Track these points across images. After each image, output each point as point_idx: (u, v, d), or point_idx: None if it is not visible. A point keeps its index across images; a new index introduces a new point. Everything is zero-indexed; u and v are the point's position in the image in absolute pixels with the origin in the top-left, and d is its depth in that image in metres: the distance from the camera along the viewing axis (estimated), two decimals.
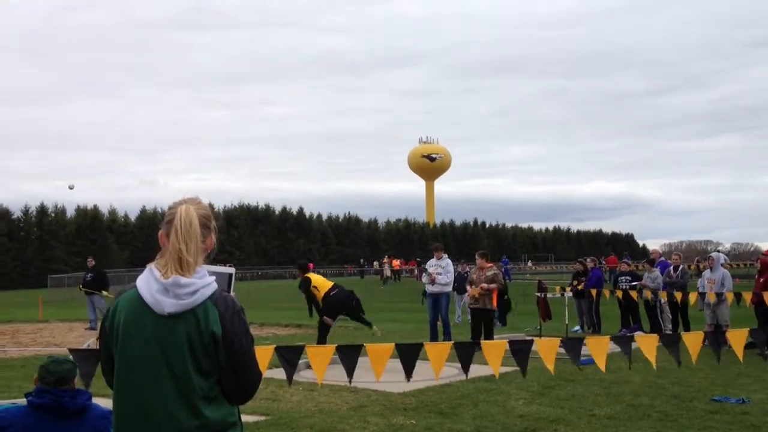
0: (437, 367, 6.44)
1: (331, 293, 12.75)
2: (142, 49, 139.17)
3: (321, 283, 13.05)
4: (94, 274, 20.07)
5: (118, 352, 2.54)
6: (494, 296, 13.13)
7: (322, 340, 12.37)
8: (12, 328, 20.26)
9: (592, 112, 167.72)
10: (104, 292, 19.57)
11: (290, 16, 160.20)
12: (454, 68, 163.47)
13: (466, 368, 6.58)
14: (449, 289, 15.04)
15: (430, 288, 14.79)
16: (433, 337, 14.04)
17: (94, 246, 63.78)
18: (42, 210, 64.95)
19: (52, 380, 3.59)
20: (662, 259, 17.96)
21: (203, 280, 2.55)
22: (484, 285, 12.93)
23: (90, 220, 66.17)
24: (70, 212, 66.79)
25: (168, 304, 2.49)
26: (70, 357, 4.16)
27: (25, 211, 64.73)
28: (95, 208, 67.98)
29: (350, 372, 6.44)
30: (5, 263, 59.81)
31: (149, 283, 2.54)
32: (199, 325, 2.51)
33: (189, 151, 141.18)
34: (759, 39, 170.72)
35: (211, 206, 2.80)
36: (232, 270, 2.84)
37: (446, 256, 15.15)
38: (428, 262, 15.36)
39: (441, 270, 14.68)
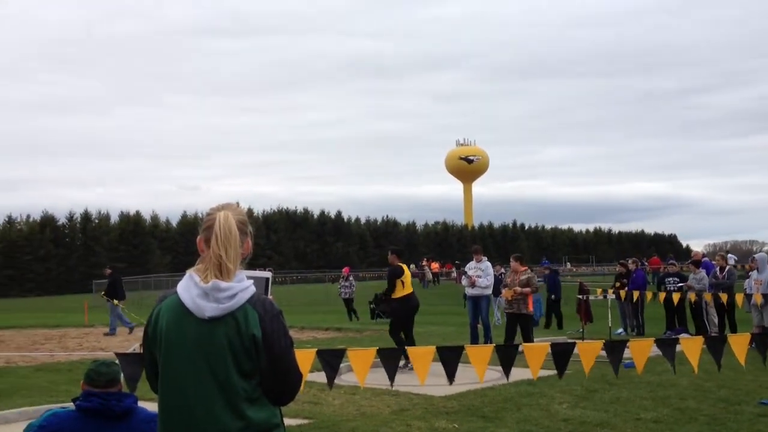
0: (480, 371, 6.39)
1: (412, 296, 12.38)
2: (180, 57, 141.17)
3: (408, 281, 12.50)
4: (109, 283, 20.45)
5: (162, 356, 2.58)
6: (530, 300, 12.88)
7: (397, 338, 12.02)
8: (59, 333, 20.66)
9: (632, 112, 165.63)
10: (115, 301, 19.88)
11: (325, 21, 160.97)
12: (491, 70, 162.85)
13: (507, 371, 6.52)
14: (489, 291, 14.93)
15: (469, 291, 14.69)
16: (474, 340, 13.97)
17: (137, 251, 64.86)
18: (86, 216, 66.17)
19: (102, 382, 3.63)
20: (705, 259, 17.66)
21: (242, 284, 2.58)
22: (518, 288, 12.68)
23: (133, 225, 67.25)
24: (114, 218, 67.96)
25: (209, 309, 2.53)
26: (116, 361, 4.20)
27: (70, 218, 66.07)
28: (137, 214, 69.14)
29: (392, 376, 6.42)
30: (51, 269, 61.07)
31: (189, 288, 2.57)
32: (240, 329, 2.54)
33: (228, 156, 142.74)
34: None
35: (249, 211, 2.81)
36: (269, 274, 2.86)
37: (485, 258, 15.06)
38: (468, 265, 15.25)
39: (481, 273, 14.56)
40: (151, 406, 4.16)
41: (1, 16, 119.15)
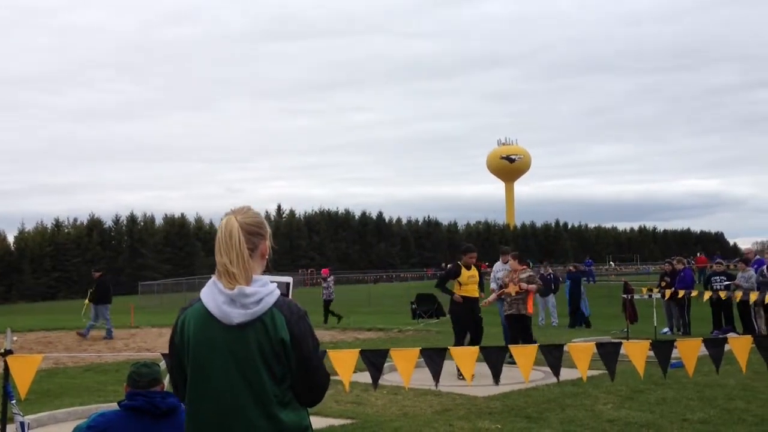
0: (526, 371, 6.33)
1: (466, 299, 11.53)
2: (235, 62, 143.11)
3: (467, 281, 11.50)
4: (96, 286, 19.87)
5: (191, 364, 2.60)
6: (530, 301, 12.07)
7: (457, 340, 11.46)
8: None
9: (683, 109, 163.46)
10: (86, 301, 19.81)
11: (373, 22, 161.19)
12: (539, 69, 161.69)
13: (556, 372, 6.45)
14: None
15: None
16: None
17: (182, 253, 65.74)
18: (132, 219, 67.24)
19: (144, 383, 3.70)
20: (758, 257, 17.28)
21: (266, 288, 2.59)
22: (523, 284, 11.85)
23: (177, 228, 68.13)
24: (159, 221, 68.95)
25: (236, 315, 2.53)
26: (159, 362, 4.27)
27: (116, 221, 67.21)
28: (182, 216, 70.03)
29: (436, 375, 6.40)
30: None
31: (215, 295, 2.58)
32: (268, 333, 2.55)
33: (274, 159, 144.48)
34: None
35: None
36: (290, 279, 2.88)
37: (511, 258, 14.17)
38: (495, 266, 14.46)
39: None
40: None
41: (63, 25, 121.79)
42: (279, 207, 78.67)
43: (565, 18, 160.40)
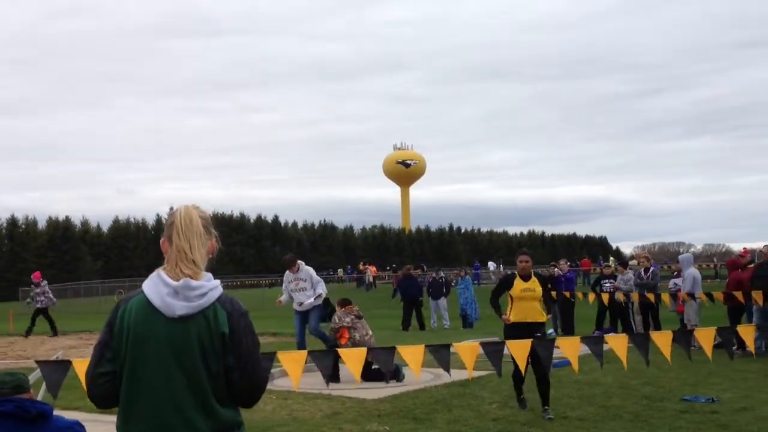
0: (416, 368, 6.43)
1: None
2: (133, 58, 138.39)
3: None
4: None
5: (129, 355, 2.57)
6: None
7: None
8: None
9: (576, 116, 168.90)
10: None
11: (278, 22, 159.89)
12: (440, 74, 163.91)
13: (447, 369, 6.60)
14: (320, 301, 12.49)
15: (297, 308, 12.50)
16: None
17: (66, 257, 63.24)
18: (13, 222, 64.23)
19: (9, 389, 3.59)
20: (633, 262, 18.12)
21: (211, 283, 2.61)
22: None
23: (62, 231, 65.51)
24: (42, 224, 66.13)
25: (179, 307, 2.54)
26: (34, 370, 4.13)
27: None
28: (67, 219, 67.37)
29: (327, 377, 6.45)
30: None
31: (158, 287, 2.57)
32: (210, 327, 2.56)
33: (169, 160, 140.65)
34: (743, 41, 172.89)
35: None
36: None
37: (303, 264, 12.55)
38: (285, 276, 12.71)
39: (304, 284, 12.40)
40: (75, 417, 4.08)
41: None
42: (171, 209, 76.45)
43: (466, 24, 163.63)
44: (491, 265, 63.00)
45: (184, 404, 2.53)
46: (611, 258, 58.25)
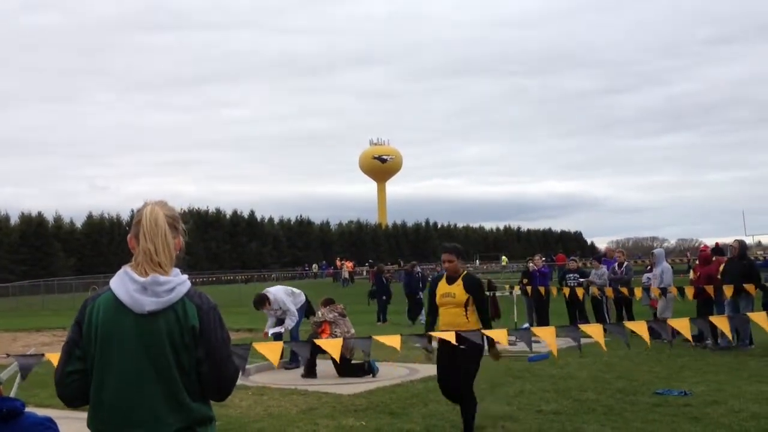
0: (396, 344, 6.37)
1: None
2: (104, 52, 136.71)
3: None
4: None
5: (99, 353, 2.57)
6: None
7: None
8: None
9: (550, 112, 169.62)
10: None
11: (248, 16, 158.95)
12: (412, 69, 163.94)
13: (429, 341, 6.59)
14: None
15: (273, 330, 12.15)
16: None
17: (39, 254, 62.56)
18: None
19: None
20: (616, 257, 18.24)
21: (179, 278, 2.62)
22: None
23: (35, 227, 64.72)
24: (14, 219, 65.29)
25: (148, 303, 2.54)
26: (6, 366, 4.08)
27: None
28: (40, 214, 66.50)
29: (303, 359, 6.43)
30: None
31: (126, 283, 2.57)
32: (179, 321, 2.56)
33: (141, 155, 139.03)
34: (713, 37, 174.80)
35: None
36: None
37: (272, 293, 12.09)
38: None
39: (282, 313, 12.03)
40: (60, 416, 4.04)
41: None
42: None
43: (439, 19, 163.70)
44: None
45: (155, 400, 2.53)
46: (578, 253, 58.47)
